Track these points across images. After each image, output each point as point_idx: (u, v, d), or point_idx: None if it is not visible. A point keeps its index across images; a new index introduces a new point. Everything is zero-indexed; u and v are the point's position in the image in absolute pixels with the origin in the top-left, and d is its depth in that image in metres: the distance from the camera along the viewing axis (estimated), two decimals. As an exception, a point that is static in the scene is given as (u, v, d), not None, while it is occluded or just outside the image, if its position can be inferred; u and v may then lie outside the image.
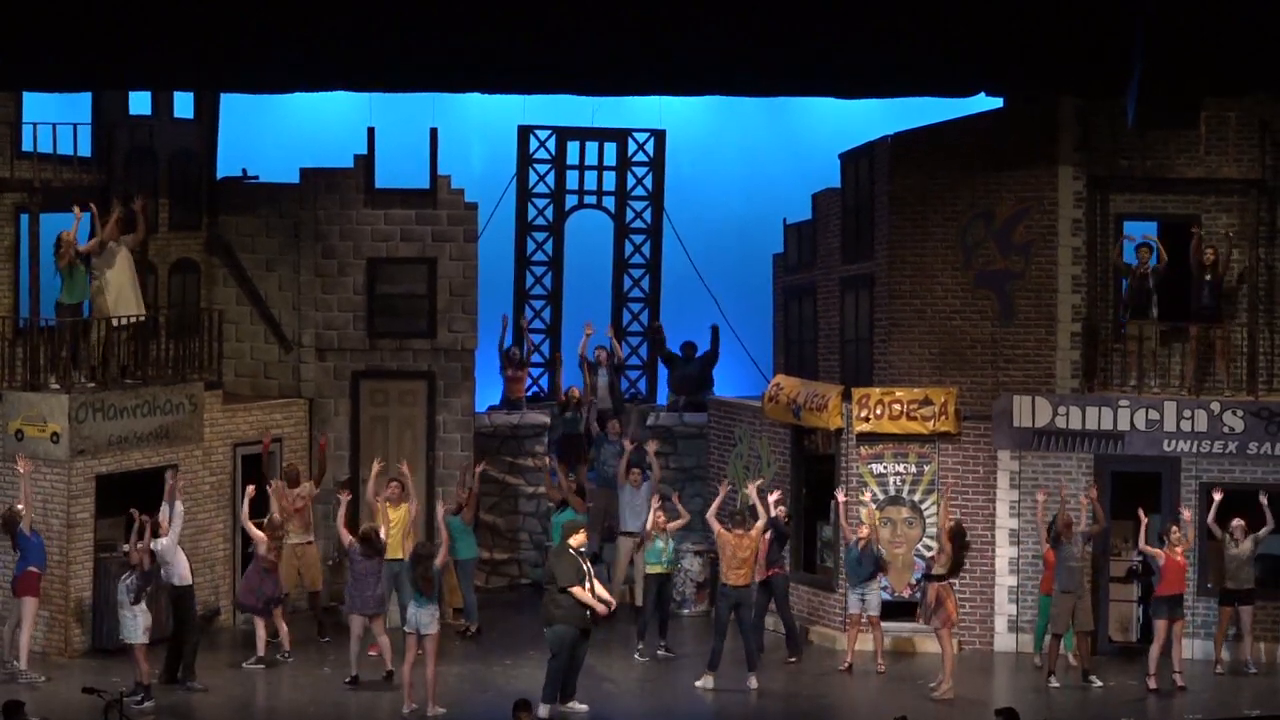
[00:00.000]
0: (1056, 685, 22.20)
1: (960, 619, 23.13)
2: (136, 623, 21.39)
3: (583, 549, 21.38)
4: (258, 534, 22.82)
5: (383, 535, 22.84)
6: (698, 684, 22.37)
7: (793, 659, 23.56)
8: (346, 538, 22.55)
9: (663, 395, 29.43)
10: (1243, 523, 22.82)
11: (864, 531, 23.32)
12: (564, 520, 23.42)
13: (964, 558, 23.16)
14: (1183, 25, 20.23)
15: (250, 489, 23.08)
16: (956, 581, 23.00)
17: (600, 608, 21.03)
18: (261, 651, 22.54)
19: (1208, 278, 24.29)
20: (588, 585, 21.08)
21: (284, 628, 23.00)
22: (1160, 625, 22.24)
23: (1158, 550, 22.29)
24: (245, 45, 21.01)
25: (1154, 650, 22.25)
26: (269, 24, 20.68)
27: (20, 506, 22.29)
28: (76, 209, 23.70)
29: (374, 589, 22.28)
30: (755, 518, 23.01)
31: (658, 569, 23.60)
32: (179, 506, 22.29)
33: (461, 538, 24.20)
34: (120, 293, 23.95)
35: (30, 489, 22.35)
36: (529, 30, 20.81)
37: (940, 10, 20.79)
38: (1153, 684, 22.10)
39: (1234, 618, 23.03)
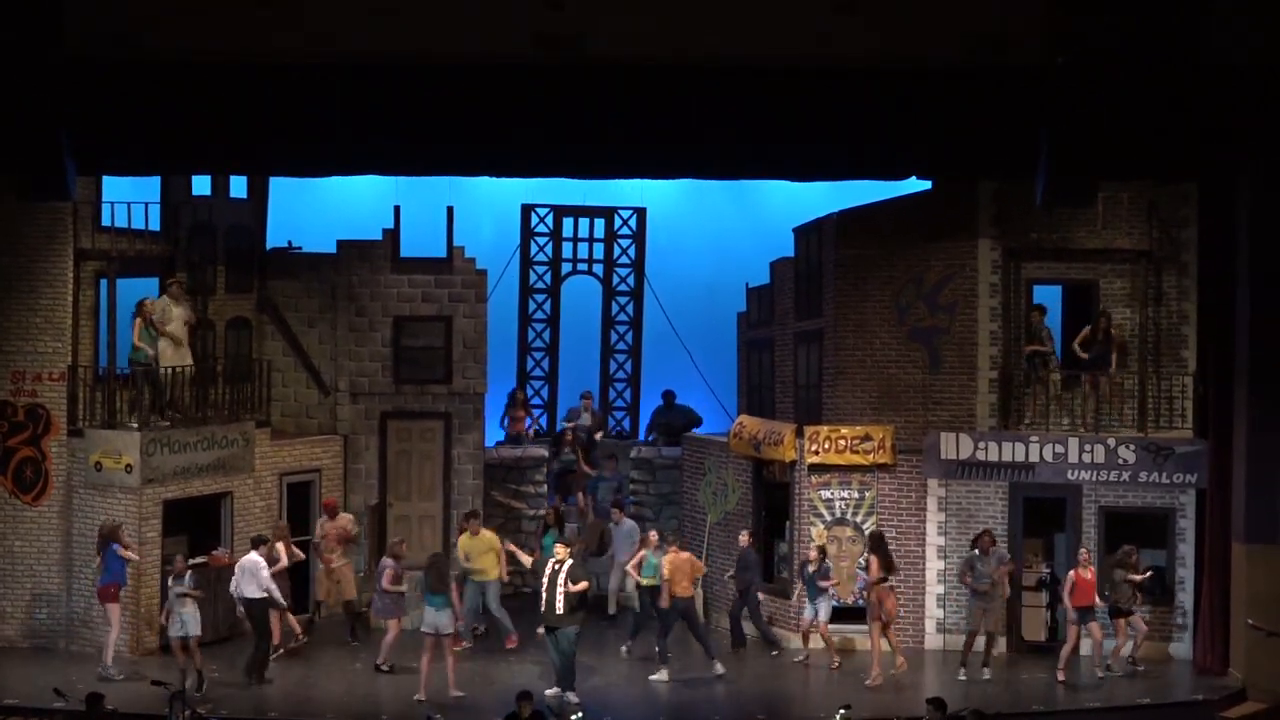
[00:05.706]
0: (963, 679, 23.14)
1: (900, 617, 24.13)
2: (195, 618, 22.57)
3: (560, 559, 22.19)
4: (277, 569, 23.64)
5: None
6: (652, 678, 23.37)
7: (775, 652, 24.71)
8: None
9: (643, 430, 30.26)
10: (1132, 548, 23.79)
11: (813, 555, 24.14)
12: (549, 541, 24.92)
13: (892, 558, 23.65)
14: (1082, 122, 21.11)
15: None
16: (893, 581, 23.65)
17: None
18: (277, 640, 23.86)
19: (1099, 336, 25.07)
20: (544, 583, 22.11)
21: (292, 620, 24.23)
22: (1073, 630, 23.34)
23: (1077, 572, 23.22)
24: (290, 137, 22.01)
25: (1065, 650, 23.30)
26: (310, 120, 21.75)
27: (120, 526, 23.42)
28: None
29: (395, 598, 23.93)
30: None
31: (650, 582, 24.39)
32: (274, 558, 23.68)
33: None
34: (178, 346, 24.90)
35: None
36: (531, 126, 21.90)
37: (878, 108, 21.72)
38: (1061, 677, 23.12)
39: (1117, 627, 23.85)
